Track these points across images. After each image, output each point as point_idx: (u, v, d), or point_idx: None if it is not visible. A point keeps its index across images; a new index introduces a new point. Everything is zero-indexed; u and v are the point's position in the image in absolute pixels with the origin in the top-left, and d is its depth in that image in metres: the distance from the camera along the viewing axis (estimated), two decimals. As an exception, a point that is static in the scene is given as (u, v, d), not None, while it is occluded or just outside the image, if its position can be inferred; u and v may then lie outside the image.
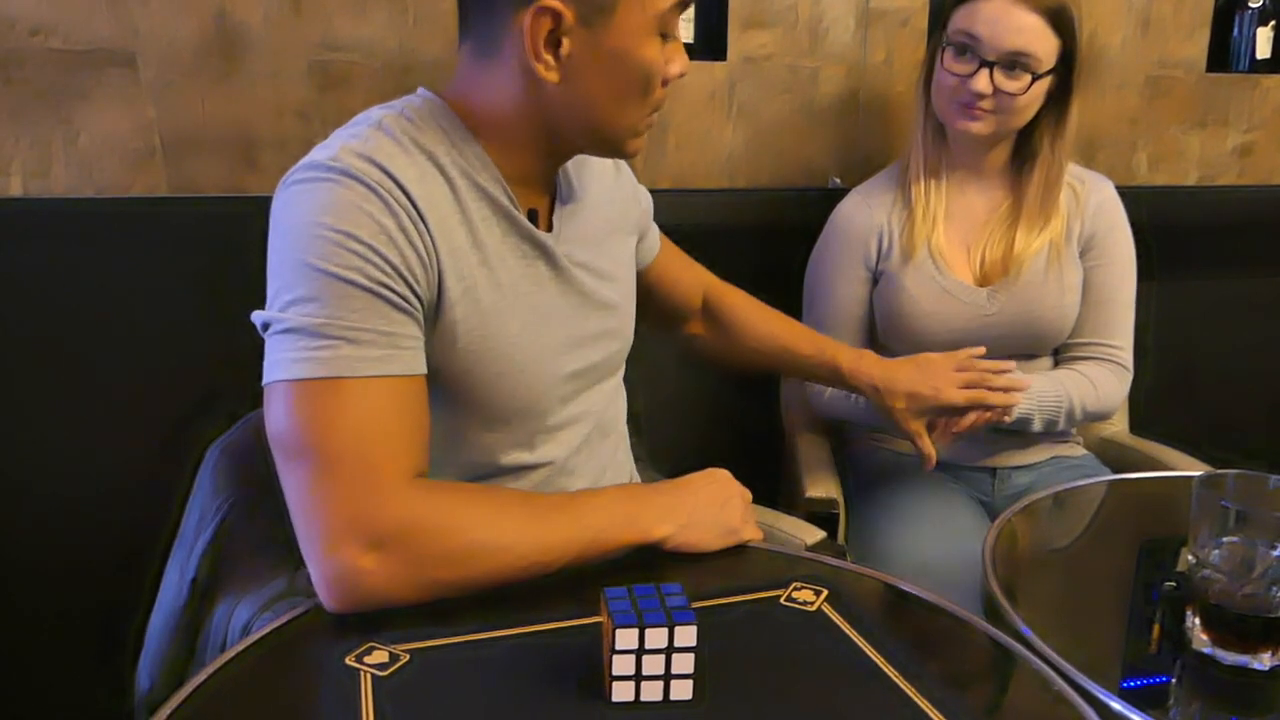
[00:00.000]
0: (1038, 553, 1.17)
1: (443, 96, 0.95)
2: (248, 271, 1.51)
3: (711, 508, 0.97)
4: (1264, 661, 0.85)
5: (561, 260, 0.99)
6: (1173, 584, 0.96)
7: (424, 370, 0.88)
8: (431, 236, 0.88)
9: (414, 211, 0.87)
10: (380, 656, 0.77)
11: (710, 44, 1.67)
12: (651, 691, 0.72)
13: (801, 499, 1.43)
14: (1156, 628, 0.94)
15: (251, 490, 1.13)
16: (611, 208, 1.10)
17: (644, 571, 0.95)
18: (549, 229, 1.00)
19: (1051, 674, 0.79)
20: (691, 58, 1.63)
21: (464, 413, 0.96)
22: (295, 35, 1.48)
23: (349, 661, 0.76)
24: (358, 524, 0.80)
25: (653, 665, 0.71)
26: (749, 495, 1.02)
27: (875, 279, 1.51)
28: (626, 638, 0.70)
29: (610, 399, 1.11)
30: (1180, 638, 0.89)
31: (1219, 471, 0.91)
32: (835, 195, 1.57)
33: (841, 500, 1.45)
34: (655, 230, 1.24)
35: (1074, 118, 1.42)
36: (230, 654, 0.78)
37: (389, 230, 0.85)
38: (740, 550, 1.02)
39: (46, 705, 1.62)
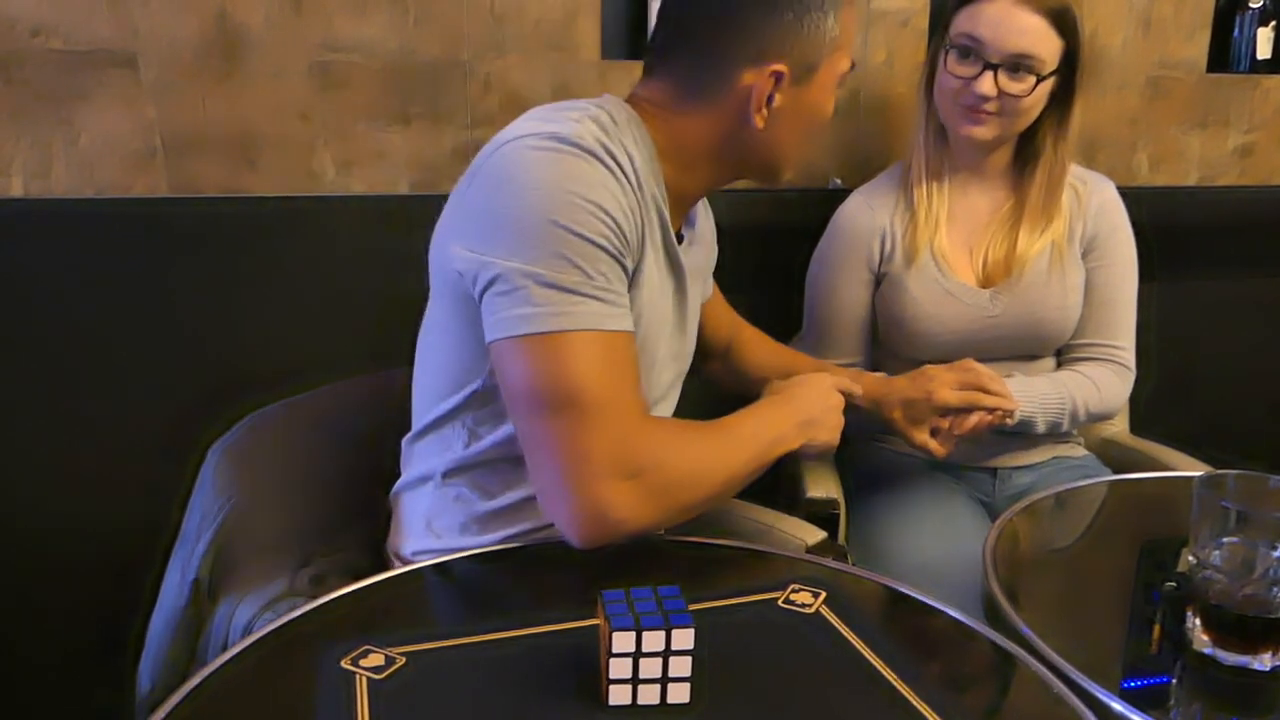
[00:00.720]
0: (1038, 553, 1.17)
1: (641, 108, 1.04)
2: (249, 272, 1.52)
3: (827, 411, 1.11)
4: (1265, 662, 0.85)
5: (685, 279, 1.09)
6: (1173, 584, 0.96)
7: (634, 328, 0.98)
8: (644, 220, 0.98)
9: (640, 196, 0.97)
10: (376, 659, 0.77)
11: (711, 44, 1.67)
12: (648, 695, 0.72)
13: (802, 499, 1.43)
14: (1157, 628, 0.94)
15: (253, 491, 1.14)
16: (705, 246, 1.20)
17: (642, 574, 0.95)
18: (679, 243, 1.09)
19: (1050, 676, 0.78)
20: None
21: None
22: (296, 36, 1.48)
23: (345, 664, 0.76)
24: (620, 458, 0.89)
25: (650, 668, 0.71)
26: (841, 400, 1.14)
27: (877, 281, 1.50)
28: (623, 641, 0.70)
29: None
30: (1181, 638, 0.89)
31: (1219, 472, 0.91)
32: (836, 196, 1.56)
33: (842, 500, 1.45)
34: (711, 278, 1.32)
35: (1076, 118, 1.42)
36: (227, 655, 0.78)
37: (625, 208, 0.93)
38: (738, 552, 1.02)
39: (47, 705, 1.62)
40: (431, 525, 1.06)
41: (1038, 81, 1.35)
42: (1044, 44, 1.35)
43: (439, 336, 1.05)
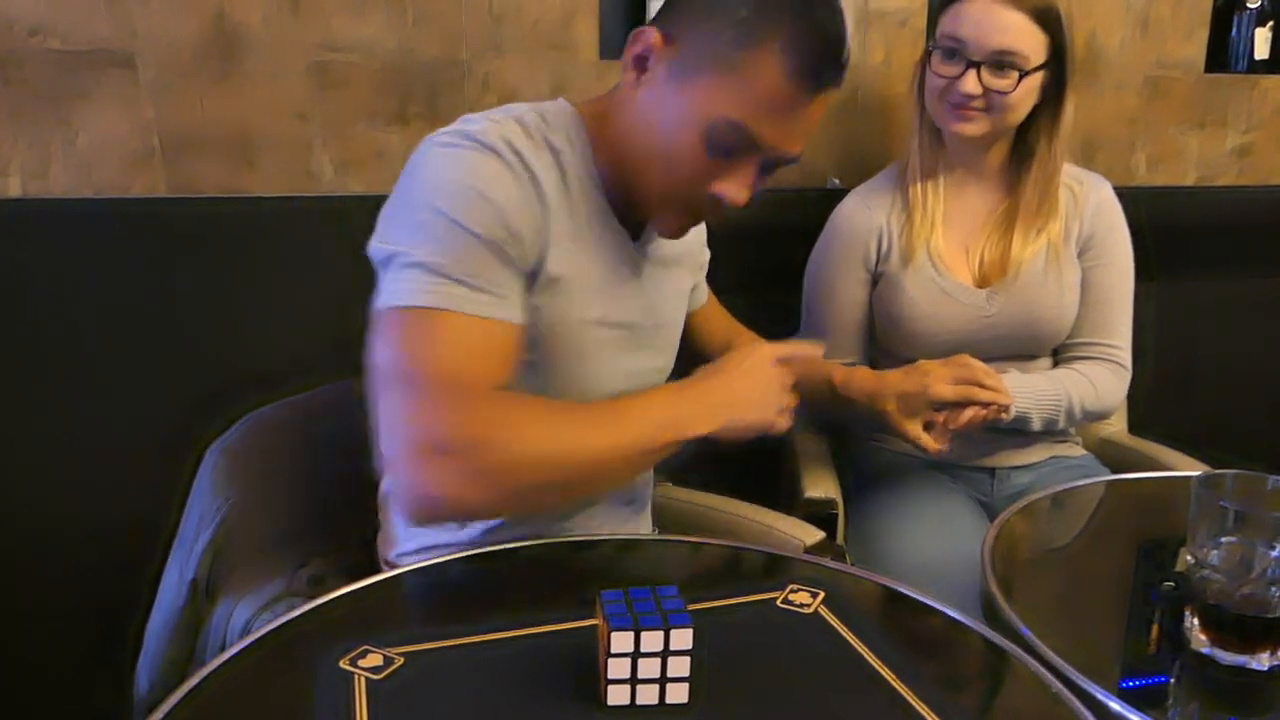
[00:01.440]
0: (1037, 553, 1.17)
1: (582, 108, 1.03)
2: (247, 272, 1.52)
3: (754, 387, 1.00)
4: (1263, 661, 0.85)
5: (644, 268, 1.07)
6: (1171, 584, 0.96)
7: (521, 321, 0.94)
8: (548, 218, 0.95)
9: (539, 192, 0.94)
10: (374, 660, 0.77)
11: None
12: (647, 695, 0.72)
13: (801, 499, 1.43)
14: (1155, 628, 0.94)
15: (251, 491, 1.14)
16: (682, 244, 1.14)
17: (641, 575, 0.95)
18: (638, 239, 1.07)
19: (1049, 676, 0.78)
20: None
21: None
22: (294, 36, 1.47)
23: (343, 665, 0.76)
24: (443, 435, 0.85)
25: (648, 668, 0.71)
26: (788, 376, 1.04)
27: (874, 280, 1.50)
28: (622, 641, 0.70)
29: None
30: (1179, 638, 0.89)
31: (1218, 472, 0.91)
32: (834, 196, 1.56)
33: (841, 500, 1.45)
34: (704, 284, 1.31)
35: (1069, 114, 1.42)
36: (225, 656, 0.78)
37: (515, 200, 0.92)
38: (736, 552, 1.02)
39: (46, 705, 1.62)
40: (407, 530, 1.08)
41: (1021, 77, 1.36)
42: (1026, 40, 1.35)
43: None
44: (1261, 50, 1.90)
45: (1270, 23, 1.89)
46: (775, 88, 0.90)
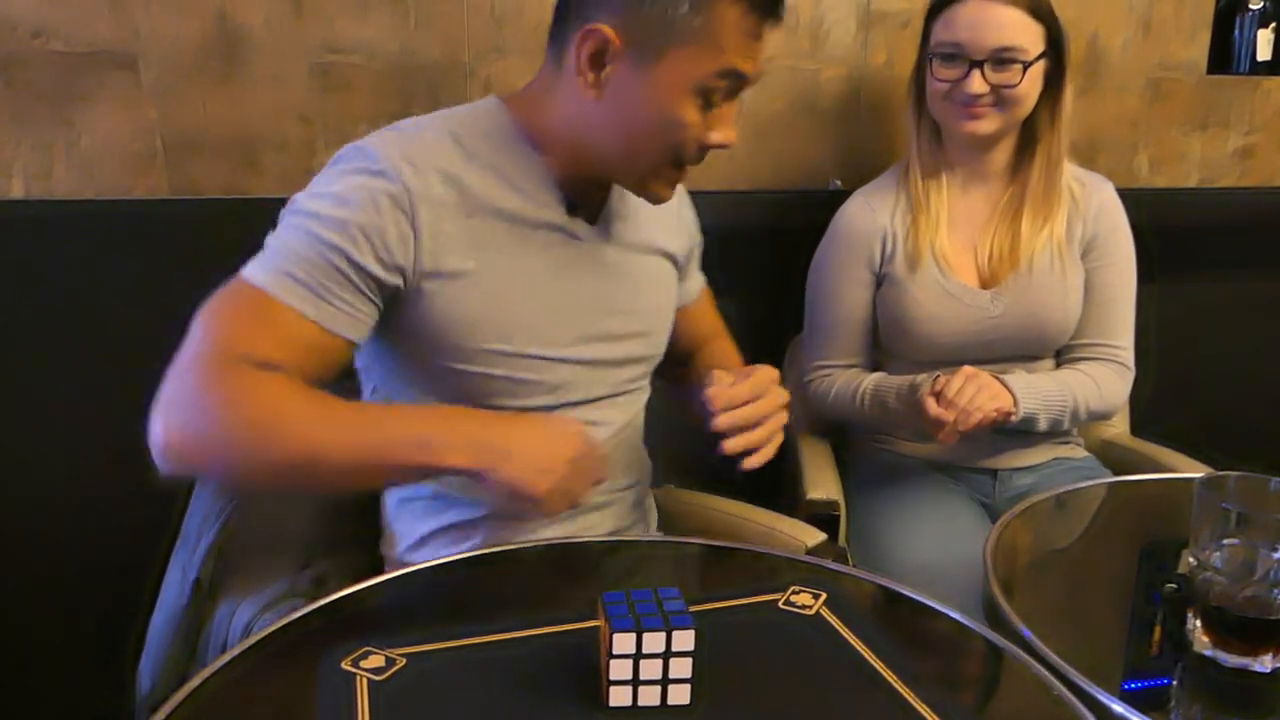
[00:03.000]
0: (1039, 555, 1.17)
1: (510, 101, 1.05)
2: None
3: (540, 451, 0.90)
4: (1265, 664, 0.85)
5: (606, 255, 1.08)
6: (1174, 586, 0.95)
7: (349, 336, 0.95)
8: (420, 231, 0.96)
9: (412, 209, 0.96)
10: (376, 661, 0.77)
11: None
12: (649, 696, 0.72)
13: (802, 501, 1.43)
14: (1157, 630, 0.94)
15: (254, 492, 1.14)
16: (654, 226, 1.15)
17: (642, 576, 0.95)
18: (593, 223, 1.08)
19: (1051, 678, 0.78)
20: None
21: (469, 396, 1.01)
22: (296, 38, 1.48)
23: (345, 665, 0.76)
24: (170, 391, 0.90)
25: (650, 670, 0.71)
26: (590, 468, 0.94)
27: (879, 282, 1.50)
28: (623, 642, 0.70)
29: (631, 416, 1.15)
30: (1181, 640, 0.89)
31: (1220, 473, 0.91)
32: (836, 197, 1.56)
33: (842, 502, 1.45)
34: (699, 279, 1.30)
35: (1069, 99, 1.43)
36: (227, 656, 0.78)
37: (390, 222, 0.95)
38: (738, 553, 1.02)
39: (47, 705, 1.62)
40: (396, 531, 1.09)
41: (1025, 69, 1.36)
42: (1023, 33, 1.37)
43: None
44: (1264, 52, 1.90)
45: (1273, 24, 1.89)
46: (741, 28, 0.95)
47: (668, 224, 1.19)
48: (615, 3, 0.94)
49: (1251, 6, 1.87)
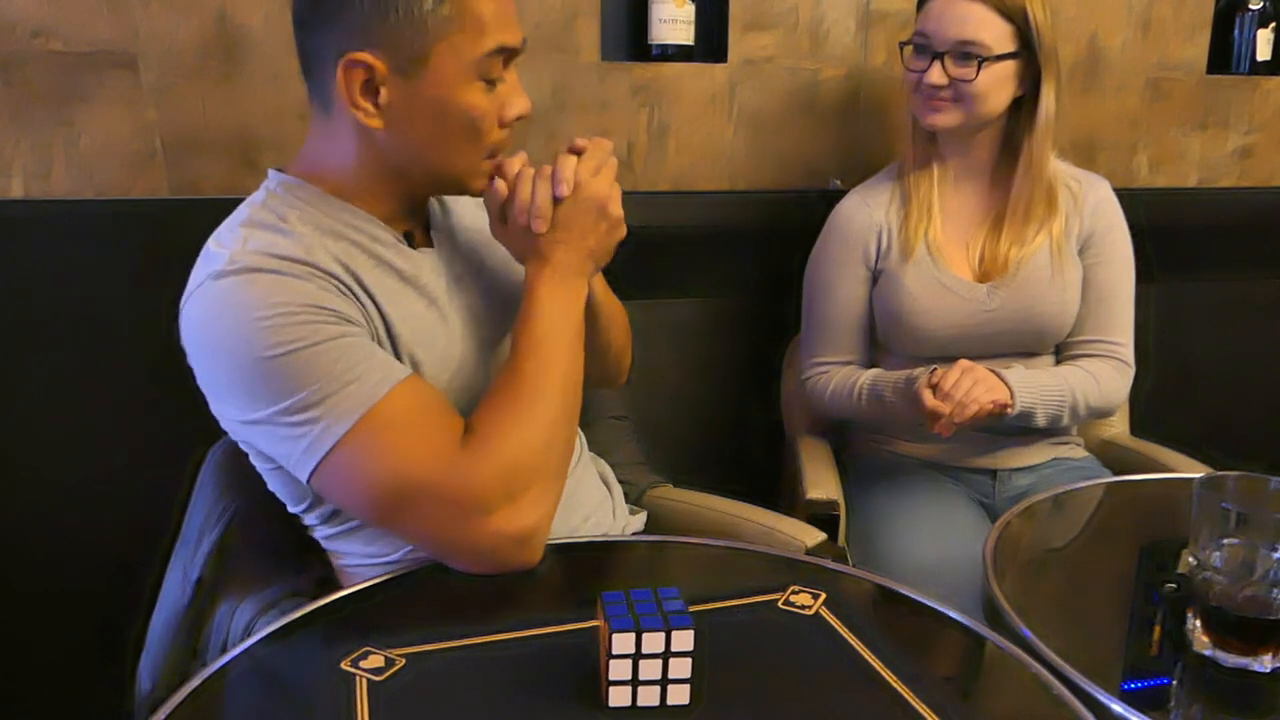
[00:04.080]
0: (1038, 554, 1.17)
1: (293, 170, 1.00)
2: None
3: (594, 222, 0.98)
4: (1264, 663, 0.85)
5: (457, 266, 1.07)
6: (1173, 586, 0.96)
7: (411, 371, 0.94)
8: (346, 287, 0.94)
9: (320, 272, 0.92)
10: (376, 661, 0.77)
11: (711, 46, 1.67)
12: (648, 696, 0.72)
13: (802, 500, 1.43)
14: (1157, 630, 0.94)
15: (257, 493, 1.13)
16: (469, 220, 1.13)
17: (642, 576, 0.95)
18: (428, 245, 1.06)
19: (1050, 678, 0.78)
20: (692, 60, 1.65)
21: None
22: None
23: (345, 666, 0.76)
24: (483, 495, 0.88)
25: (649, 670, 0.71)
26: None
27: (875, 278, 1.51)
28: (623, 642, 0.70)
29: None
30: (1181, 640, 0.89)
31: (1219, 473, 0.91)
32: (836, 197, 1.56)
33: (842, 502, 1.45)
34: None
35: (1047, 106, 1.41)
36: (228, 656, 0.78)
37: (311, 292, 0.90)
38: (737, 553, 1.01)
39: (47, 705, 1.62)
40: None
41: (981, 65, 1.37)
42: (986, 29, 1.37)
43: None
44: (1263, 52, 1.90)
45: (1272, 24, 1.89)
46: (489, 4, 0.93)
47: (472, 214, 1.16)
48: (362, 28, 0.90)
49: (1251, 6, 1.87)
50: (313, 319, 0.88)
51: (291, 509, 1.03)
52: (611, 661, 0.71)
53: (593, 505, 1.14)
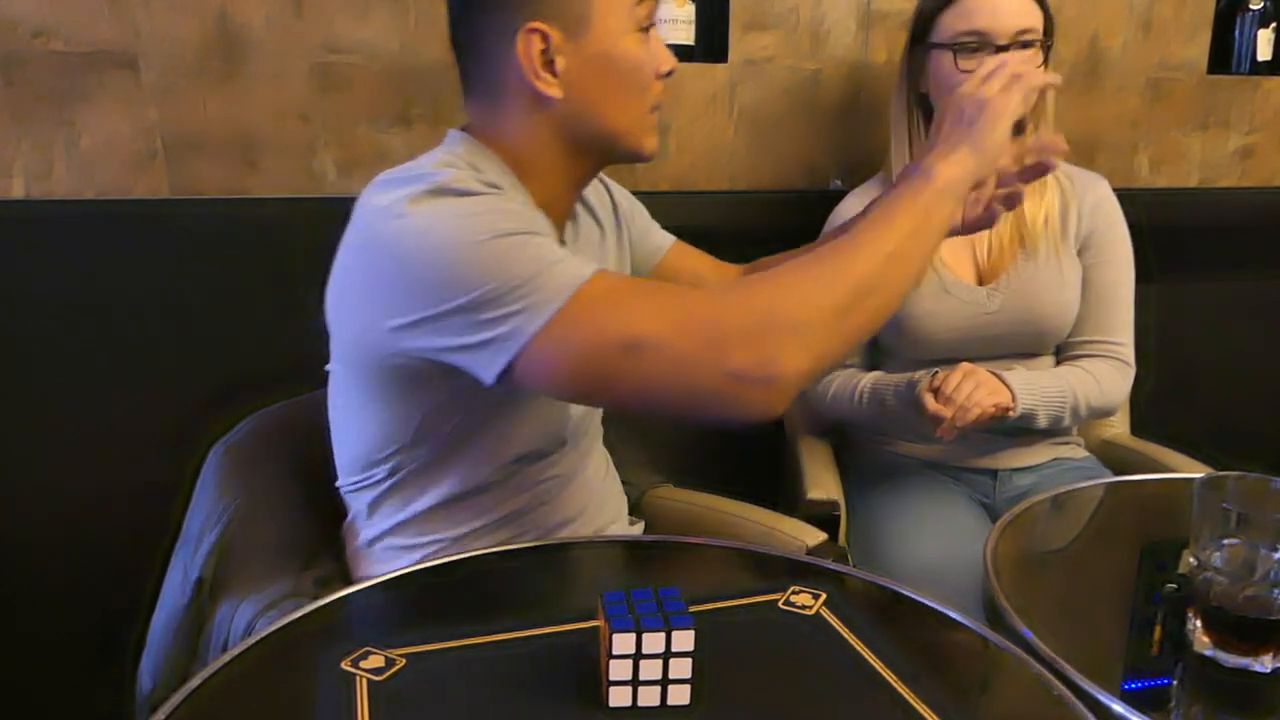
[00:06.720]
0: (1039, 555, 1.17)
1: (483, 138, 1.01)
2: (250, 273, 1.52)
3: (976, 127, 0.96)
4: (1265, 664, 0.85)
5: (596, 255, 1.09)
6: (1174, 586, 0.96)
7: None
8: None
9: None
10: (376, 661, 0.77)
11: (711, 46, 1.67)
12: (649, 696, 0.72)
13: (802, 501, 1.43)
14: (1158, 630, 0.94)
15: (256, 491, 1.14)
16: (592, 242, 1.14)
17: (642, 576, 0.95)
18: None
19: (1051, 678, 0.78)
20: (692, 60, 1.65)
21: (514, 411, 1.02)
22: (296, 37, 1.48)
23: (345, 666, 0.76)
24: (716, 333, 0.83)
25: (650, 670, 0.71)
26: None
27: (876, 280, 1.50)
28: (623, 642, 0.70)
29: None
30: (1181, 640, 0.89)
31: (1220, 473, 0.90)
32: (836, 197, 1.56)
33: (843, 502, 1.45)
34: (658, 232, 1.28)
35: (1051, 95, 1.44)
36: (228, 656, 0.78)
37: (518, 204, 0.93)
38: (738, 553, 1.01)
39: (47, 705, 1.62)
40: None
41: (1044, 49, 1.39)
42: (1035, 15, 1.39)
43: (352, 411, 1.04)
44: (1264, 52, 1.90)
45: (1273, 24, 1.89)
46: None
47: (602, 220, 1.18)
48: (523, 1, 0.94)
49: (1252, 6, 1.87)
50: (522, 215, 0.89)
51: (344, 477, 1.05)
52: (612, 661, 0.71)
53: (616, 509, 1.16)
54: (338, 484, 1.09)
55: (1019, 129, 1.43)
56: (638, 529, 1.23)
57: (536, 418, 1.04)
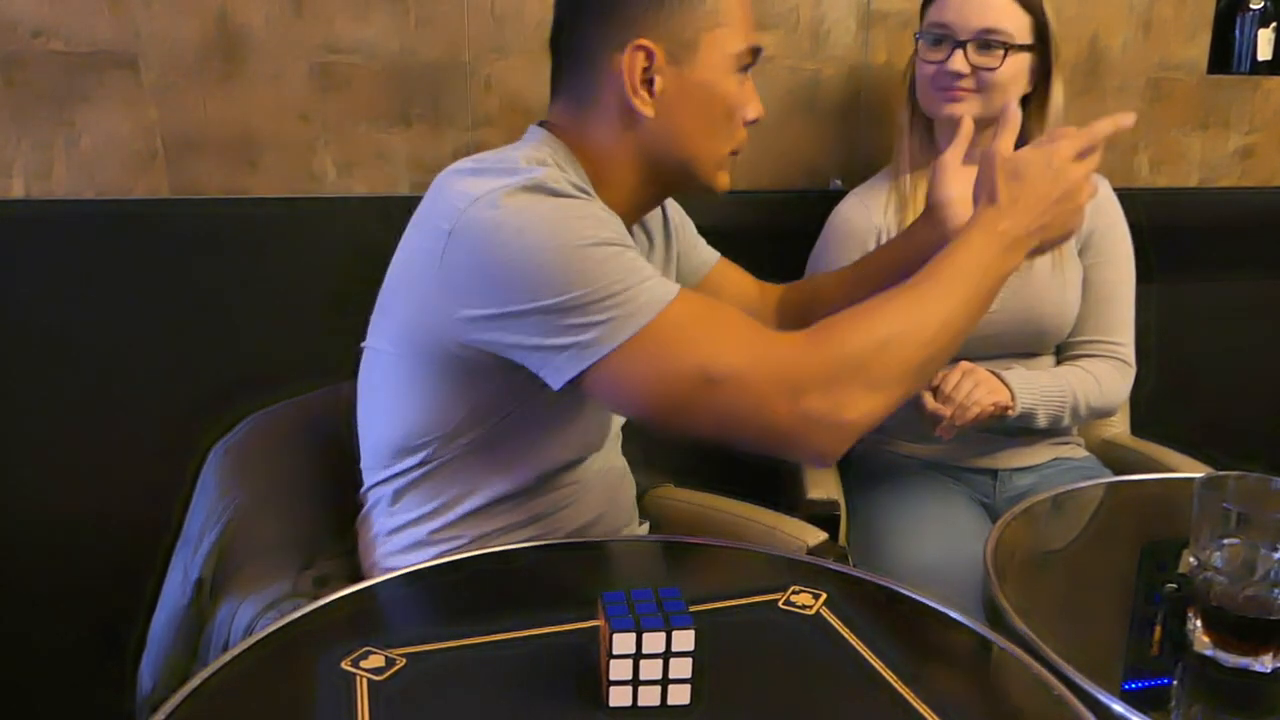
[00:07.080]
0: (1039, 555, 1.17)
1: (565, 137, 1.01)
2: (250, 272, 1.52)
3: (1064, 199, 0.98)
4: (1265, 664, 0.85)
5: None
6: (1174, 586, 0.96)
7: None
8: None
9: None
10: (376, 661, 0.77)
11: (711, 46, 1.67)
12: (649, 696, 0.72)
13: (803, 500, 1.43)
14: (1158, 630, 0.94)
15: (256, 491, 1.14)
16: (657, 261, 1.17)
17: (643, 576, 0.95)
18: None
19: (1051, 678, 0.78)
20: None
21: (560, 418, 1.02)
22: (297, 37, 1.48)
23: (345, 666, 0.76)
24: (797, 377, 0.85)
25: (650, 670, 0.71)
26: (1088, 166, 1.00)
27: (874, 280, 1.51)
28: (623, 642, 0.70)
29: None
30: (1181, 640, 0.89)
31: (1220, 473, 0.90)
32: (837, 197, 1.56)
33: (843, 502, 1.45)
34: (704, 247, 1.31)
35: (1057, 98, 1.43)
36: (228, 656, 0.78)
37: (609, 214, 0.92)
38: (738, 553, 1.01)
39: (47, 705, 1.62)
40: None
41: (1006, 53, 1.37)
42: (1009, 18, 1.38)
43: (391, 394, 1.02)
44: (1264, 51, 1.89)
45: (1273, 24, 1.89)
46: (746, 4, 1.01)
47: (663, 242, 1.20)
48: (641, 17, 0.95)
49: (1252, 6, 1.87)
50: (616, 226, 0.91)
51: (369, 462, 1.05)
52: (612, 661, 0.71)
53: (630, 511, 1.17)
54: (360, 467, 1.08)
55: (1022, 138, 1.44)
56: (643, 529, 1.23)
57: (582, 424, 1.04)
